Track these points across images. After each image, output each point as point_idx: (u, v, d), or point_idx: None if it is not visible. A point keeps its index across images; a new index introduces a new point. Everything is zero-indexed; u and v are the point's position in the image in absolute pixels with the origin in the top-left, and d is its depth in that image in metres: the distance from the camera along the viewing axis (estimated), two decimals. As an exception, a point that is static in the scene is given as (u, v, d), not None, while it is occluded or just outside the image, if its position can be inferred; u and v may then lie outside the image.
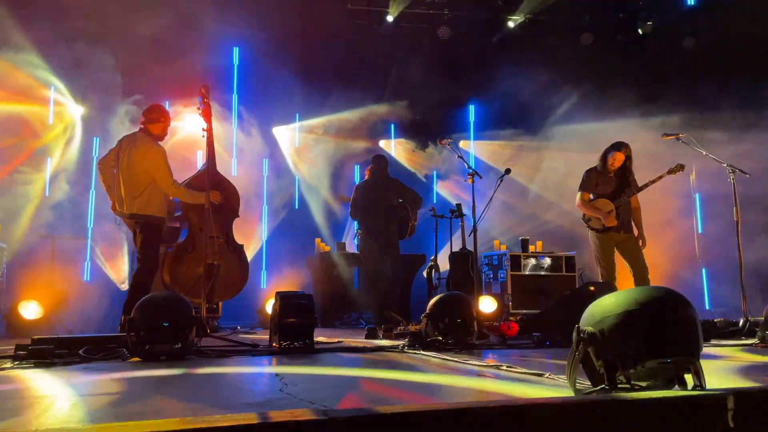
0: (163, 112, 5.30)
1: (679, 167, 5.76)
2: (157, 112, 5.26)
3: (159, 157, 5.07)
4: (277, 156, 9.36)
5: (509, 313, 7.03)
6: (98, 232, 7.72)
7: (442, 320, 4.40)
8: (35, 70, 7.53)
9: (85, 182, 7.89)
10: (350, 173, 9.61)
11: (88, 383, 2.86)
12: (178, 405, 2.29)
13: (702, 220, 8.81)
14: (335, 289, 7.82)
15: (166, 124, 5.26)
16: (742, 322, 5.41)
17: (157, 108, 5.33)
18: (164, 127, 5.23)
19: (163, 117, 5.24)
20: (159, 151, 5.10)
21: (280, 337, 4.15)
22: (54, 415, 2.06)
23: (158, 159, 5.06)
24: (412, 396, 2.57)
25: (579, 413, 1.80)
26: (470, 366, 3.43)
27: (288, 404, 2.20)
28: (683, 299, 2.19)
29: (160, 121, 5.21)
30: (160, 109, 5.32)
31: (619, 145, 5.83)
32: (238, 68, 9.16)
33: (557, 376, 2.81)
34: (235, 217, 5.86)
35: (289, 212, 9.20)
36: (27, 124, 7.64)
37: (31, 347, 3.59)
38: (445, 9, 9.66)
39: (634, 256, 5.80)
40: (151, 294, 4.16)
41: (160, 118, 5.22)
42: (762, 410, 1.95)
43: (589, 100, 8.86)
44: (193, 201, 5.25)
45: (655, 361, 2.07)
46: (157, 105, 5.44)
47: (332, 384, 2.88)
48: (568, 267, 7.62)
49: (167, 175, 5.08)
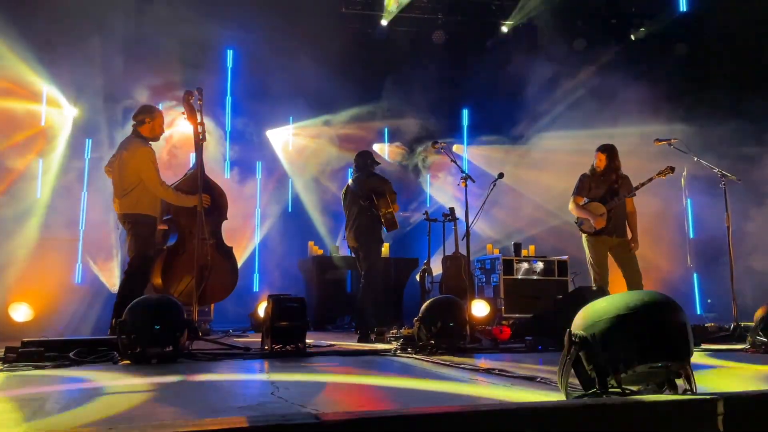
0: (149, 113, 5.23)
1: (669, 169, 5.79)
2: (143, 113, 5.22)
3: (145, 158, 5.04)
4: (270, 159, 9.35)
5: (501, 317, 7.03)
6: (89, 234, 7.68)
7: (434, 324, 4.40)
8: (28, 70, 7.50)
9: (76, 184, 7.84)
10: (343, 176, 9.62)
11: (78, 386, 2.84)
12: (168, 408, 2.28)
13: (693, 225, 8.86)
14: (328, 292, 7.81)
15: (154, 124, 5.19)
16: (733, 327, 5.44)
17: (144, 109, 5.29)
18: (152, 127, 5.18)
19: (148, 117, 5.19)
20: (146, 151, 5.07)
21: (273, 340, 4.14)
22: (43, 418, 2.05)
23: (144, 159, 5.03)
24: (403, 399, 2.56)
25: (570, 417, 1.81)
26: (462, 370, 3.43)
27: (279, 408, 2.19)
28: (674, 304, 2.20)
29: (145, 122, 5.17)
30: (146, 110, 5.27)
31: (602, 147, 5.92)
32: (232, 71, 9.16)
33: (549, 380, 2.81)
34: (223, 220, 5.80)
35: (282, 215, 9.18)
36: (18, 124, 7.59)
37: (21, 350, 3.56)
38: (439, 14, 9.69)
39: (627, 261, 5.83)
40: (143, 297, 4.13)
41: (146, 119, 5.18)
42: (751, 414, 1.96)
43: (582, 105, 8.91)
44: (180, 203, 5.21)
45: (646, 365, 2.08)
46: (144, 106, 5.38)
47: (324, 387, 2.87)
48: (561, 271, 7.64)
49: (154, 175, 5.05)
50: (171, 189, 5.20)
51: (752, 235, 7.73)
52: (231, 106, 9.04)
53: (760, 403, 2.01)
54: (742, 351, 4.63)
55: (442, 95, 9.61)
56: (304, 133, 9.55)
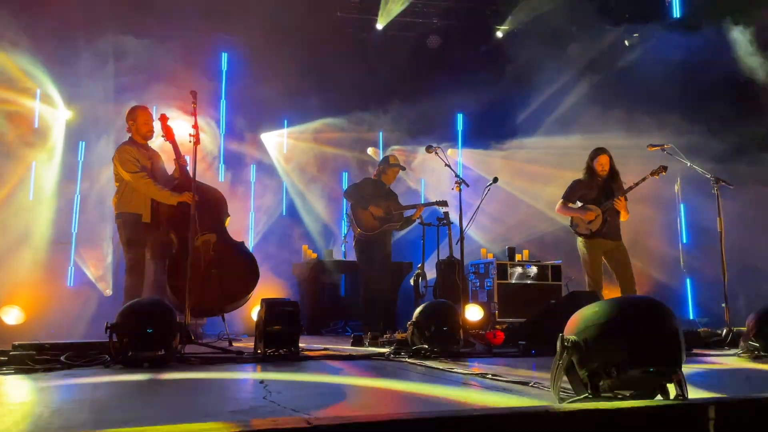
0: (130, 116, 5.34)
1: (662, 169, 5.82)
2: (127, 118, 5.36)
3: (123, 156, 5.16)
4: (264, 162, 9.34)
5: (495, 321, 7.03)
6: (82, 237, 7.64)
7: (428, 328, 4.39)
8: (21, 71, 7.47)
9: (69, 186, 7.80)
10: (338, 180, 9.61)
11: (69, 390, 2.83)
12: (160, 412, 2.27)
13: (686, 229, 8.89)
14: (322, 296, 7.79)
15: (138, 124, 5.28)
16: (725, 332, 5.46)
17: (127, 114, 5.39)
18: (137, 128, 5.28)
19: (130, 120, 5.31)
20: (123, 149, 5.21)
21: (266, 344, 4.12)
22: (34, 422, 2.04)
23: (122, 157, 5.16)
24: (396, 404, 2.56)
25: (562, 422, 1.81)
26: (455, 374, 3.43)
27: (271, 412, 2.18)
28: (667, 309, 2.21)
29: (129, 125, 5.32)
30: (128, 115, 5.38)
31: (601, 149, 5.95)
32: (226, 74, 9.14)
33: (542, 384, 2.81)
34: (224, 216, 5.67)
35: (277, 219, 9.16)
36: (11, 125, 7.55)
37: (12, 353, 3.54)
38: (434, 18, 9.72)
39: (621, 266, 5.85)
40: (135, 300, 4.13)
41: (129, 122, 5.33)
42: (743, 420, 1.97)
43: (578, 110, 8.94)
44: (163, 199, 5.18)
45: (638, 370, 2.09)
46: (130, 110, 5.45)
47: (316, 392, 2.87)
48: (554, 276, 7.66)
49: (127, 168, 5.12)
50: (152, 183, 5.20)
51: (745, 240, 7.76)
52: (225, 109, 9.02)
53: (751, 408, 2.02)
54: (734, 356, 4.65)
55: (437, 99, 9.62)
56: (298, 136, 9.55)
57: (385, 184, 6.77)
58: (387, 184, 6.80)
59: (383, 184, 6.76)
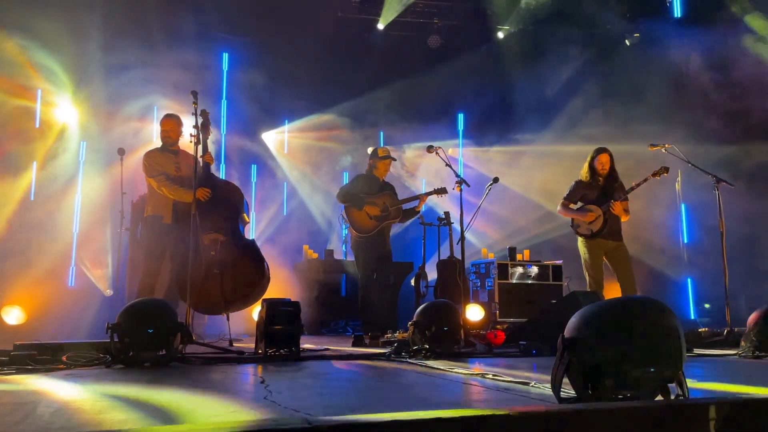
0: (160, 123, 5.60)
1: (663, 170, 5.81)
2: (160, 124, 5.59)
3: (144, 161, 5.40)
4: (265, 161, 9.34)
5: (496, 321, 7.03)
6: (83, 237, 7.64)
7: (428, 328, 4.40)
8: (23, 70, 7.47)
9: (70, 187, 7.81)
10: (339, 179, 9.61)
11: (70, 390, 2.83)
12: (160, 412, 2.27)
13: (688, 230, 8.88)
14: (322, 296, 7.79)
15: (161, 132, 5.53)
16: (726, 332, 5.45)
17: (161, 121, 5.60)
18: (163, 136, 5.50)
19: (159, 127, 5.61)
20: (146, 154, 5.45)
21: (266, 344, 4.13)
22: (34, 422, 2.04)
23: (143, 161, 5.41)
24: (396, 404, 2.56)
25: (562, 422, 1.81)
26: (456, 374, 3.43)
27: (272, 412, 2.18)
28: (667, 309, 2.20)
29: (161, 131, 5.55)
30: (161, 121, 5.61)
31: (602, 149, 5.94)
32: (227, 73, 9.15)
33: (542, 384, 2.81)
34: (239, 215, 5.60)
35: (277, 218, 9.17)
36: (12, 125, 7.56)
37: (13, 353, 3.54)
38: (435, 18, 9.72)
39: (622, 266, 5.84)
40: (136, 300, 4.13)
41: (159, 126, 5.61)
42: (744, 420, 1.96)
43: (579, 110, 8.93)
44: (178, 197, 5.27)
45: (639, 370, 2.08)
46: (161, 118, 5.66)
47: (317, 392, 2.87)
48: (555, 276, 7.64)
49: (147, 172, 5.33)
50: (169, 182, 5.32)
51: (747, 240, 7.75)
52: (226, 108, 9.03)
53: (752, 408, 2.02)
54: (735, 356, 4.64)
55: (438, 99, 9.62)
56: (299, 135, 9.55)
57: (378, 178, 6.56)
58: (381, 178, 6.57)
59: (376, 178, 6.48)
